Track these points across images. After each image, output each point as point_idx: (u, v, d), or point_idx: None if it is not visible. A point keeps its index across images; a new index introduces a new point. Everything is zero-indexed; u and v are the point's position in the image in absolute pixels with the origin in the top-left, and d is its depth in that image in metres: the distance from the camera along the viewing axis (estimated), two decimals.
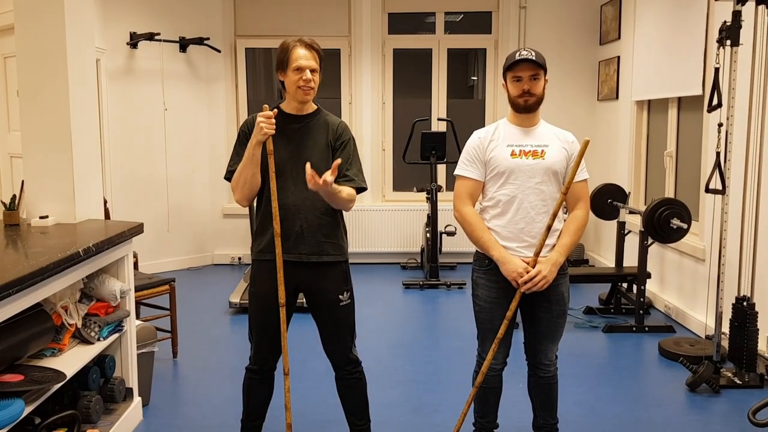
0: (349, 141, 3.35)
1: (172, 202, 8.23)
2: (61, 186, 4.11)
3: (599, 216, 6.73)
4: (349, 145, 3.35)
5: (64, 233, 3.82)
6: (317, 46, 3.24)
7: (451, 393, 4.57)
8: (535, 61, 3.16)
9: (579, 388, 4.66)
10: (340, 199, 3.23)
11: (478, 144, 3.31)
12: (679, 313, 6.11)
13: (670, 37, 6.31)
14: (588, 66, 8.37)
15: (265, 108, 3.15)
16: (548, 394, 3.51)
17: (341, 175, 3.28)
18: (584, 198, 3.33)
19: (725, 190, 4.64)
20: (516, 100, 3.23)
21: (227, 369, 5.05)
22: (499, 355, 3.38)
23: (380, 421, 4.03)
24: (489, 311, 3.33)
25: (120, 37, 7.67)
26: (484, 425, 3.58)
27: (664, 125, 6.66)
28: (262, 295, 3.34)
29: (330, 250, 3.33)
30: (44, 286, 3.11)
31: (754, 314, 4.62)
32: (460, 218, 3.32)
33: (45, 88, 4.04)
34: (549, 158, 3.23)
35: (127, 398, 4.09)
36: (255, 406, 3.54)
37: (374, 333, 5.84)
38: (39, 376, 3.18)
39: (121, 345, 4.08)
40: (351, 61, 8.50)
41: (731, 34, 4.50)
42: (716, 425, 4.15)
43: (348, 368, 3.48)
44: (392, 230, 8.54)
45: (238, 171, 3.27)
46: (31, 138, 4.10)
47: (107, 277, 3.93)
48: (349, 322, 3.43)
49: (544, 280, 3.15)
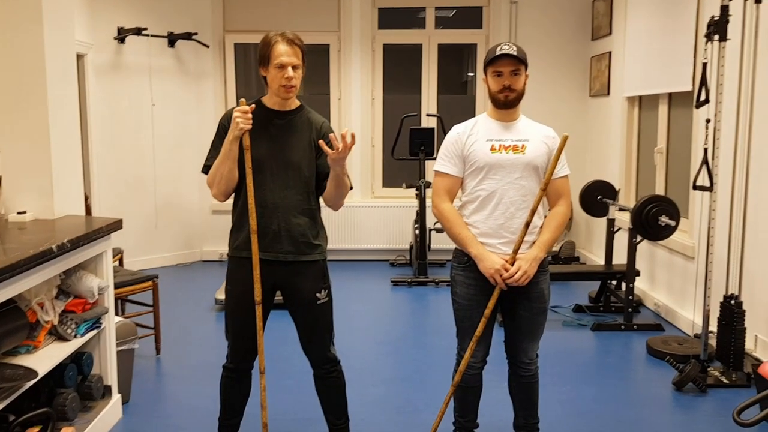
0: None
1: (160, 198, 8.17)
2: (39, 181, 4.05)
3: (589, 213, 6.69)
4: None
5: (41, 229, 3.76)
6: (299, 42, 3.17)
7: (435, 392, 4.52)
8: (516, 57, 3.11)
9: (564, 387, 4.61)
10: (344, 185, 3.22)
11: (456, 139, 3.27)
12: (668, 311, 6.08)
13: (661, 33, 6.26)
14: (579, 62, 8.32)
15: (242, 102, 3.10)
16: (528, 394, 3.46)
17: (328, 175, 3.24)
18: (565, 194, 3.28)
19: (713, 186, 4.60)
20: (496, 96, 3.19)
21: (210, 366, 4.98)
22: (478, 354, 3.33)
23: (362, 419, 3.99)
24: (467, 309, 3.29)
25: (107, 31, 7.60)
26: (464, 425, 3.53)
27: (654, 121, 6.62)
28: (238, 293, 3.28)
29: (306, 249, 3.28)
30: (16, 282, 3.06)
31: (742, 313, 4.58)
32: (438, 214, 3.28)
33: (22, 82, 3.97)
34: (529, 153, 3.19)
35: (105, 396, 4.04)
36: (232, 405, 3.49)
37: (361, 331, 5.79)
38: (10, 374, 3.15)
39: (100, 342, 4.03)
40: (340, 57, 8.45)
41: (719, 29, 4.46)
42: (701, 424, 4.11)
43: (326, 367, 3.43)
44: (381, 227, 8.49)
45: (215, 166, 3.22)
46: (7, 132, 4.04)
47: (85, 273, 3.88)
48: (326, 320, 3.38)
49: (525, 275, 3.11)
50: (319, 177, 3.29)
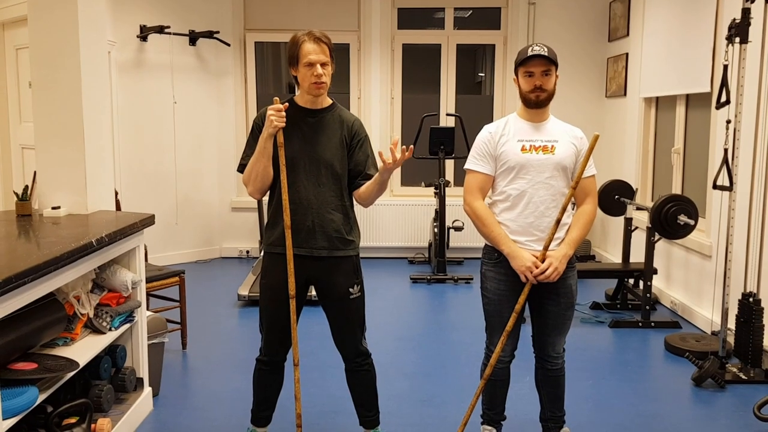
0: (365, 139, 3.39)
1: (180, 195, 8.26)
2: (73, 177, 4.15)
3: (606, 212, 6.74)
4: (366, 144, 3.39)
5: (76, 224, 3.85)
6: (326, 39, 3.24)
7: (458, 386, 4.60)
8: (547, 57, 3.18)
9: (586, 382, 4.69)
10: (385, 188, 3.33)
11: (488, 138, 3.33)
12: (685, 309, 6.13)
13: (679, 34, 6.31)
14: (596, 62, 8.38)
15: (276, 101, 3.18)
16: (555, 387, 3.54)
17: (365, 175, 3.35)
18: (592, 193, 3.36)
19: (732, 186, 4.65)
20: (527, 96, 3.26)
21: (236, 361, 5.08)
22: (507, 348, 3.41)
23: (388, 412, 4.06)
24: (497, 304, 3.36)
25: (130, 30, 7.70)
26: (492, 417, 3.61)
27: (671, 122, 6.67)
28: (273, 287, 3.37)
29: (340, 245, 3.36)
30: (57, 275, 3.14)
31: (760, 310, 4.63)
32: (470, 212, 3.35)
33: (58, 79, 4.08)
34: (559, 153, 3.26)
35: (137, 388, 4.13)
36: (265, 397, 3.58)
37: (382, 327, 5.87)
38: (52, 365, 3.22)
39: (132, 335, 4.12)
40: (360, 56, 8.52)
41: (740, 31, 4.51)
42: (722, 419, 4.17)
43: (358, 360, 3.52)
44: (400, 225, 8.57)
45: (250, 164, 3.30)
46: (43, 129, 4.14)
47: (119, 267, 3.96)
48: (359, 314, 3.46)
49: (555, 271, 3.18)
50: (351, 174, 3.37)
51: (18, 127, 6.61)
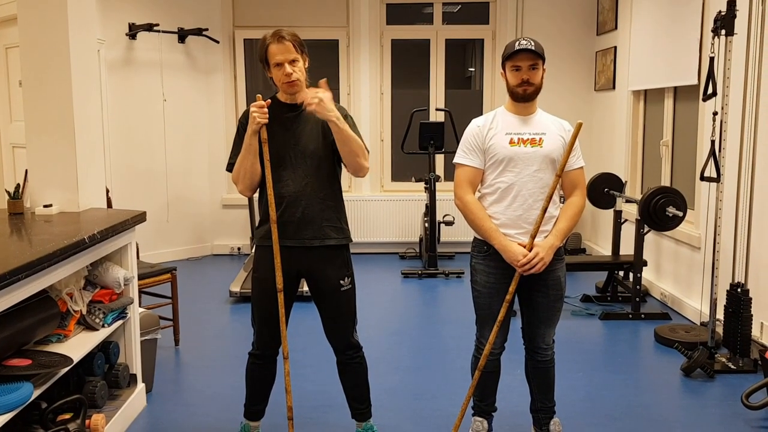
0: (347, 117, 3.36)
1: (171, 192, 8.27)
2: (64, 175, 4.16)
3: (596, 205, 6.78)
4: (349, 120, 3.35)
5: (68, 221, 3.87)
6: (290, 36, 3.25)
7: (450, 379, 4.64)
8: (534, 51, 3.21)
9: (576, 374, 4.73)
10: (350, 139, 3.24)
11: (477, 132, 3.36)
12: (674, 300, 6.18)
13: (667, 28, 6.35)
14: (585, 56, 8.42)
15: (258, 98, 3.22)
16: (545, 378, 3.57)
17: None
18: (581, 185, 3.39)
19: (720, 177, 4.70)
20: (515, 90, 3.28)
21: (228, 357, 5.11)
22: (498, 340, 3.43)
23: (380, 406, 4.09)
24: (488, 296, 3.39)
25: (119, 28, 7.70)
26: (483, 408, 3.64)
27: (660, 115, 6.72)
28: (264, 280, 3.40)
29: (332, 233, 3.39)
30: (50, 272, 3.16)
31: (748, 300, 4.68)
32: (461, 206, 3.37)
33: (48, 77, 4.09)
34: (547, 146, 3.29)
35: (131, 384, 4.15)
36: (258, 390, 3.61)
37: (373, 321, 5.90)
38: (46, 361, 3.24)
39: (125, 332, 4.14)
40: (349, 52, 8.53)
41: (726, 23, 4.55)
42: (711, 409, 4.21)
43: (349, 353, 3.55)
44: (391, 220, 8.60)
45: (238, 162, 3.34)
46: (34, 127, 4.15)
47: (111, 264, 3.98)
48: (350, 307, 3.49)
49: (541, 262, 3.22)
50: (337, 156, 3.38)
51: (8, 126, 6.60)
